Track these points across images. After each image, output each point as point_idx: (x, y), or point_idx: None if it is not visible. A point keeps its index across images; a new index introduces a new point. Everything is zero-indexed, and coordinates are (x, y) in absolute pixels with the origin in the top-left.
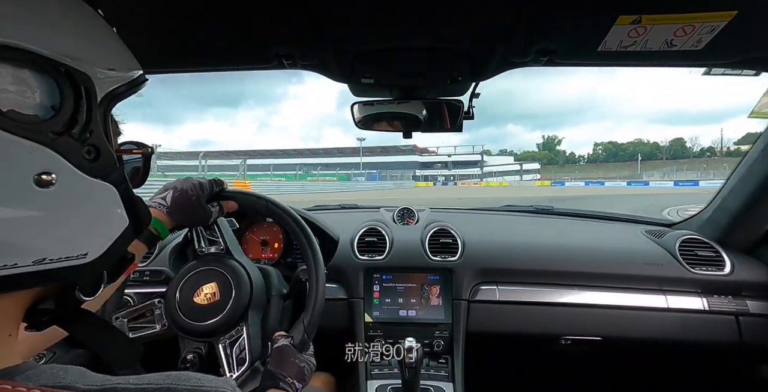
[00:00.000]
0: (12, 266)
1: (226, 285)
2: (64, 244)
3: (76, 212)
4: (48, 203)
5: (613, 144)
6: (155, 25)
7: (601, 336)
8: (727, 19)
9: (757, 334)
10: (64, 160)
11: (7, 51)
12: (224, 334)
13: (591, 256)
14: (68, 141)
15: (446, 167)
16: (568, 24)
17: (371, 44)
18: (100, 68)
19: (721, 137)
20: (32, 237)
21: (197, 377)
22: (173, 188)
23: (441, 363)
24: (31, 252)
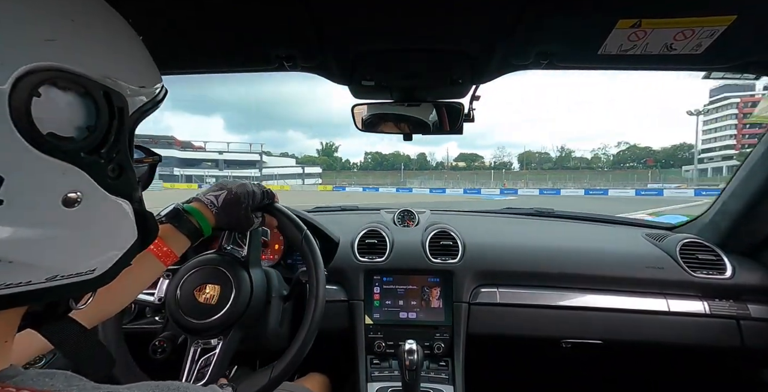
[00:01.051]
0: (26, 284)
1: (226, 294)
2: (78, 261)
3: (94, 230)
4: (71, 222)
5: (379, 154)
6: (155, 27)
7: (602, 339)
8: (726, 23)
9: (758, 338)
10: (92, 179)
11: (54, 75)
12: (202, 338)
13: (592, 259)
14: (97, 160)
15: (217, 166)
16: (568, 27)
17: (372, 46)
18: (132, 86)
19: (447, 154)
20: (51, 256)
21: (185, 386)
22: (228, 189)
23: (441, 365)
24: (47, 270)
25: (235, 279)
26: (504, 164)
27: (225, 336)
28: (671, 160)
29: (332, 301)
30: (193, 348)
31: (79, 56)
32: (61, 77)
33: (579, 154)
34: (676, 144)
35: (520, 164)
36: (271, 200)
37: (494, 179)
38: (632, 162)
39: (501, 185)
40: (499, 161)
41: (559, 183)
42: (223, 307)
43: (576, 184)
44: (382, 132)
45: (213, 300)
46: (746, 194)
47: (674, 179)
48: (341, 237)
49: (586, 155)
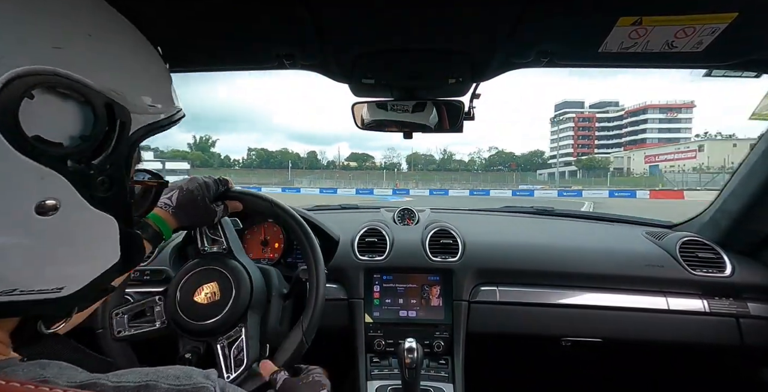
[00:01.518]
0: None
1: (226, 285)
2: (42, 276)
3: (68, 243)
4: (42, 232)
5: (265, 151)
6: (155, 25)
7: (601, 337)
8: (728, 20)
9: (757, 336)
10: (74, 189)
11: (51, 80)
12: (223, 334)
13: (592, 257)
14: (84, 171)
15: None
16: (568, 25)
17: (372, 45)
18: (142, 104)
19: (338, 153)
20: (13, 267)
21: (182, 370)
22: (179, 188)
23: (441, 363)
24: (5, 282)
25: (228, 270)
26: (394, 164)
27: (244, 321)
28: (528, 164)
29: (332, 299)
30: (219, 347)
31: (86, 66)
32: (61, 83)
33: (458, 157)
34: (532, 150)
35: (409, 165)
36: (226, 186)
37: (386, 179)
38: (500, 165)
39: (393, 186)
40: (389, 161)
41: (446, 184)
42: (229, 297)
43: (461, 185)
44: (382, 130)
45: (216, 296)
46: (746, 193)
47: (532, 182)
48: (341, 236)
49: (464, 158)
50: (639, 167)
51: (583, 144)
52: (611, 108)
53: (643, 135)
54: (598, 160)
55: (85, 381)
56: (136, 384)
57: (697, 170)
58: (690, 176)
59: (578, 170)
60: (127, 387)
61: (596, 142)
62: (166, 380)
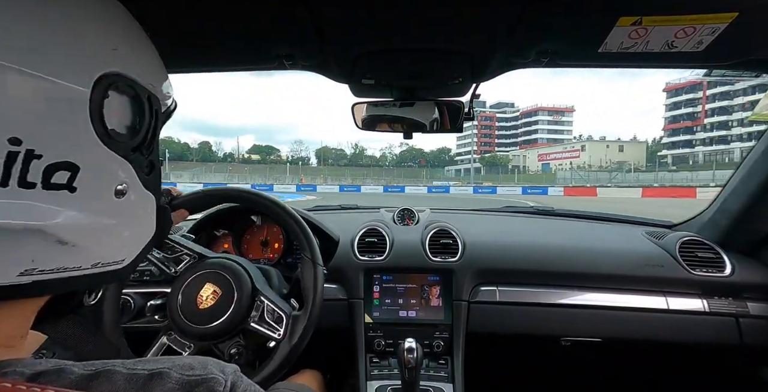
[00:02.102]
0: (76, 269)
1: (227, 288)
2: (116, 250)
3: (131, 221)
4: (117, 212)
5: None
6: (155, 27)
7: (601, 337)
8: (728, 20)
9: (757, 336)
10: (135, 173)
11: (117, 79)
12: (228, 338)
13: (591, 257)
14: (139, 157)
15: None
16: (568, 25)
17: (372, 45)
18: (164, 94)
19: (237, 145)
20: (102, 243)
21: (198, 361)
22: None
23: (441, 363)
24: (95, 256)
25: (227, 271)
26: (302, 158)
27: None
28: (436, 161)
29: (332, 300)
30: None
31: (133, 65)
32: (121, 82)
33: (370, 152)
34: (440, 147)
35: (318, 159)
36: (170, 196)
37: (290, 174)
38: (410, 162)
39: (298, 181)
40: (297, 155)
41: (358, 179)
42: (231, 300)
43: (373, 180)
44: (382, 130)
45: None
46: (746, 193)
47: (442, 178)
48: (341, 236)
49: (375, 153)
50: (533, 165)
51: (485, 142)
52: (508, 108)
53: (536, 135)
54: (499, 157)
55: (100, 368)
56: (149, 371)
57: (581, 168)
58: (577, 173)
59: (482, 167)
60: (140, 375)
61: (496, 141)
62: (179, 369)
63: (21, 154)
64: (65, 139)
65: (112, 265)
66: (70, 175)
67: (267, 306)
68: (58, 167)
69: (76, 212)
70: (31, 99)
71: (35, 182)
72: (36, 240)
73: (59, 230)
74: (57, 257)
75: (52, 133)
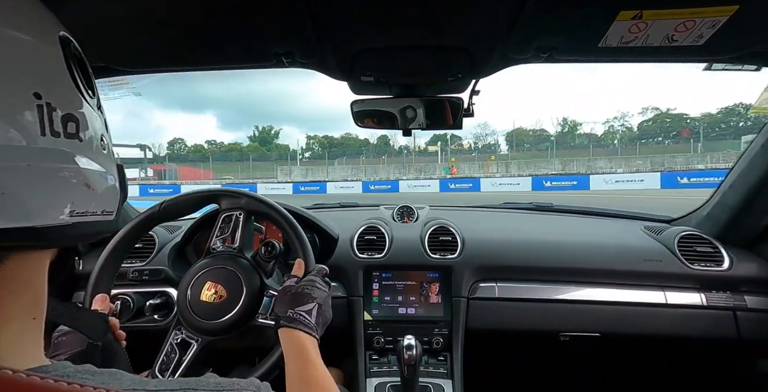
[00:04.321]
0: (93, 214)
1: (237, 283)
2: (110, 199)
3: (110, 173)
4: (104, 161)
5: (328, 138)
6: (155, 25)
7: (599, 332)
8: (728, 14)
9: (754, 329)
10: (105, 126)
11: (69, 41)
12: (236, 333)
13: (590, 252)
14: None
15: None
16: (568, 20)
17: (371, 42)
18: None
19: (414, 138)
20: (104, 191)
21: (218, 381)
22: None
23: (440, 360)
24: (101, 203)
25: (237, 267)
26: (489, 146)
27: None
28: (713, 129)
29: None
30: (172, 336)
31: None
32: (72, 44)
33: (588, 128)
34: (728, 106)
35: (510, 144)
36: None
37: (479, 162)
38: (661, 135)
39: (446, 171)
40: (483, 142)
41: (577, 164)
42: (240, 293)
43: (610, 163)
44: (381, 128)
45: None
46: (745, 187)
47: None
48: (340, 234)
49: (596, 129)
50: None
51: None
52: None
53: None
54: None
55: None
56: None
57: None
58: None
59: None
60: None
61: None
62: (207, 386)
63: (44, 107)
64: (65, 93)
65: (108, 215)
66: (76, 125)
67: (275, 301)
68: (68, 119)
69: (86, 159)
70: (40, 60)
71: (59, 131)
72: (72, 182)
73: (84, 173)
74: (86, 200)
75: (56, 88)
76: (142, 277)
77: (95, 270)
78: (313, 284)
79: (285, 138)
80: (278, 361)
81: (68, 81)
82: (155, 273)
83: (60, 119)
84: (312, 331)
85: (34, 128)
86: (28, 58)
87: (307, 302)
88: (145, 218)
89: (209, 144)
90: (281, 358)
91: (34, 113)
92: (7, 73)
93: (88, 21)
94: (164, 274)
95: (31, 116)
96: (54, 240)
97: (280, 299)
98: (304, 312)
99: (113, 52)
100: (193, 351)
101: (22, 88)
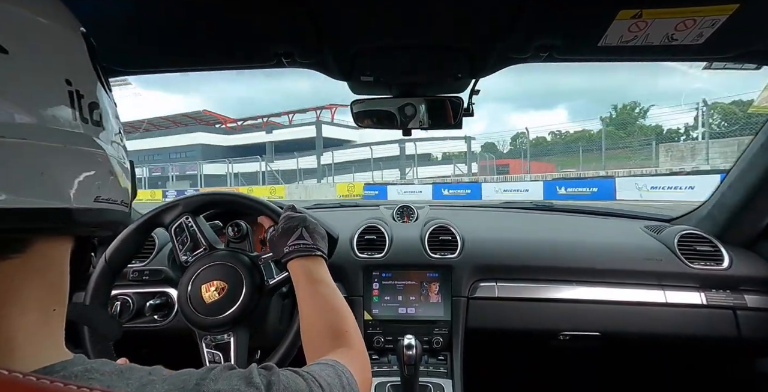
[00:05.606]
0: (114, 202)
1: (237, 280)
2: (125, 190)
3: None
4: (120, 151)
5: None
6: (155, 25)
7: (600, 331)
8: (728, 12)
9: (754, 328)
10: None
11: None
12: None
13: (590, 252)
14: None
15: None
16: (568, 19)
17: (371, 42)
18: None
19: None
20: (122, 180)
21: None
22: None
23: (440, 359)
24: (119, 193)
25: (236, 263)
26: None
27: (234, 331)
28: None
29: None
30: (204, 344)
31: None
32: None
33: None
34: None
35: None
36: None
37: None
38: None
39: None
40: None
41: None
42: (241, 287)
43: None
44: (381, 127)
45: (224, 290)
46: (744, 186)
47: None
48: (340, 234)
49: None
50: None
51: None
52: None
53: None
54: None
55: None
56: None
57: None
58: None
59: None
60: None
61: None
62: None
63: (74, 93)
64: (90, 82)
65: (125, 207)
66: (100, 114)
67: (232, 348)
68: (93, 107)
69: (108, 146)
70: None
71: (87, 117)
72: (100, 167)
73: (110, 160)
74: (110, 188)
75: (83, 77)
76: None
77: (97, 270)
78: (289, 217)
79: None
80: (285, 355)
81: (92, 72)
82: (155, 273)
83: (87, 106)
84: (312, 251)
85: (66, 112)
86: (60, 46)
87: (293, 231)
88: (97, 277)
89: (552, 135)
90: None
91: (65, 98)
92: (44, 58)
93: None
94: (164, 274)
95: (64, 101)
96: (83, 225)
97: (272, 246)
98: (297, 240)
99: (113, 53)
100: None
101: (56, 73)
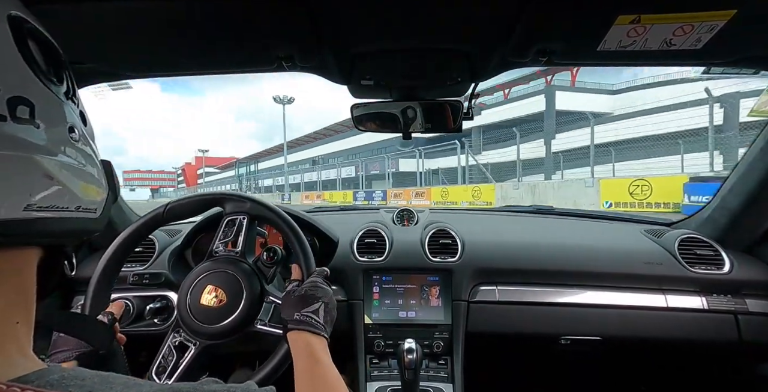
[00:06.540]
0: (65, 209)
1: (237, 288)
2: (90, 196)
3: (89, 167)
4: (77, 154)
5: None
6: (156, 29)
7: (600, 335)
8: (726, 18)
9: (756, 333)
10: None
11: (23, 22)
12: (234, 338)
13: (590, 256)
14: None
15: None
16: (567, 24)
17: (371, 46)
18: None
19: None
20: (77, 186)
21: (212, 389)
22: None
23: (440, 364)
24: (76, 200)
25: (238, 272)
26: None
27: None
28: None
29: None
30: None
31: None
32: (30, 25)
33: None
34: None
35: None
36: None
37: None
38: None
39: None
40: None
41: None
42: (240, 298)
43: None
44: (381, 131)
45: (224, 299)
46: (745, 190)
47: None
48: (340, 237)
49: None
50: None
51: None
52: None
53: None
54: None
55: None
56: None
57: None
58: None
59: None
60: None
61: None
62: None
63: None
64: (12, 74)
65: (90, 213)
66: (30, 110)
67: (274, 307)
68: (17, 102)
69: (47, 148)
70: None
71: (5, 114)
72: (28, 172)
73: (43, 163)
74: (49, 194)
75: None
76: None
77: (96, 273)
78: (317, 285)
79: None
80: (279, 365)
81: (18, 62)
82: (155, 277)
83: (5, 101)
84: (321, 331)
85: None
86: None
87: (312, 302)
88: (149, 220)
89: None
90: (282, 361)
91: None
92: None
93: (88, 25)
94: (164, 278)
95: None
96: (18, 236)
97: (286, 303)
98: (312, 312)
99: (113, 57)
100: (191, 355)
101: None
